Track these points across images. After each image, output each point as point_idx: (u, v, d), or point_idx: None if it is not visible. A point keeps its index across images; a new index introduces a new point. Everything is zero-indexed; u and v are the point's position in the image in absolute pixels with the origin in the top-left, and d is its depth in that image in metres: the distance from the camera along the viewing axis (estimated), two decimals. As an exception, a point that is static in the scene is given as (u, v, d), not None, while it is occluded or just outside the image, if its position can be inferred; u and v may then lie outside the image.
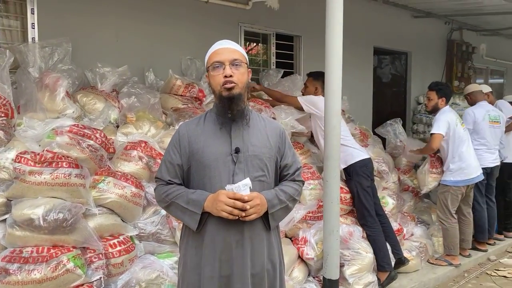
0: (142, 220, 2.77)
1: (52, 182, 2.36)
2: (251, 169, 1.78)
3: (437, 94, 4.18)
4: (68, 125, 2.62)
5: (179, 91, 3.76)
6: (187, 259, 1.84)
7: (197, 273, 1.80)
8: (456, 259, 4.19)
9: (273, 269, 1.87)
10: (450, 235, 4.16)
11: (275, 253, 1.88)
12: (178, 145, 1.83)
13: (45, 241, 2.25)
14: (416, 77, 6.92)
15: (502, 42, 8.13)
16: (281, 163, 1.91)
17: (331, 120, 3.12)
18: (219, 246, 1.77)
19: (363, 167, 3.60)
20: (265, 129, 1.88)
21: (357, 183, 3.58)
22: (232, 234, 1.76)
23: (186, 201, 1.77)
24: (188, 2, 4.15)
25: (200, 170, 1.80)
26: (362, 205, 3.59)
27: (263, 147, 1.83)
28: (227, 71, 1.74)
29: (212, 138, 1.80)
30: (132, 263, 2.55)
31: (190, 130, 1.84)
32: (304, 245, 3.29)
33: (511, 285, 4.00)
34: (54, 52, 3.38)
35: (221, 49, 1.79)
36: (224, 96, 1.75)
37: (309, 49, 5.24)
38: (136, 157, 2.86)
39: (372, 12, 5.76)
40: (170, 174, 1.83)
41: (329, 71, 3.08)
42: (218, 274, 1.77)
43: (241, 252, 1.77)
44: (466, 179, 4.15)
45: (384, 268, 3.54)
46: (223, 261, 1.77)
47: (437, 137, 4.03)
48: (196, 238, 1.81)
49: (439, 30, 7.02)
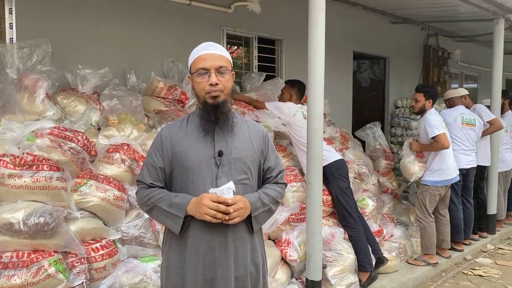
0: (124, 224, 2.74)
1: (33, 186, 2.31)
2: (234, 172, 1.78)
3: (425, 96, 4.27)
4: (48, 128, 2.57)
5: (161, 93, 3.74)
6: (170, 262, 1.82)
7: (180, 276, 1.79)
8: (433, 258, 4.29)
9: (256, 272, 1.87)
10: (427, 234, 4.26)
11: (258, 256, 1.89)
12: (160, 148, 1.81)
13: (26, 246, 2.20)
14: (394, 82, 7.07)
15: (475, 48, 8.38)
16: (264, 166, 1.91)
17: (314, 123, 3.16)
18: (202, 249, 1.76)
19: (338, 169, 3.66)
20: (248, 132, 1.88)
21: (335, 185, 3.64)
22: (215, 237, 1.76)
23: (169, 204, 1.75)
24: (170, 4, 4.14)
25: (183, 173, 1.78)
26: (342, 207, 3.65)
27: (247, 150, 1.83)
28: (213, 79, 1.73)
29: (195, 141, 1.79)
30: (115, 267, 2.52)
31: (173, 132, 1.83)
32: (287, 247, 3.31)
33: (486, 283, 4.12)
34: (33, 53, 3.32)
35: (206, 55, 1.76)
36: (209, 103, 1.75)
37: (291, 52, 5.30)
38: (119, 160, 2.83)
39: (351, 17, 5.86)
40: (152, 177, 1.81)
41: (312, 75, 3.13)
42: (202, 277, 1.76)
43: (224, 255, 1.77)
44: (445, 179, 4.26)
45: (365, 268, 3.60)
46: (206, 265, 1.76)
47: (443, 136, 4.12)
48: (179, 242, 1.80)
49: (416, 36, 7.19)
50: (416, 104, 4.35)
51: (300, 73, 5.09)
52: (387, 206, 4.68)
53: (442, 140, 4.13)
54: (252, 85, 4.57)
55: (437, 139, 4.13)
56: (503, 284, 4.09)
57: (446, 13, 5.96)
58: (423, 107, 4.30)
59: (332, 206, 3.74)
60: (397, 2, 5.56)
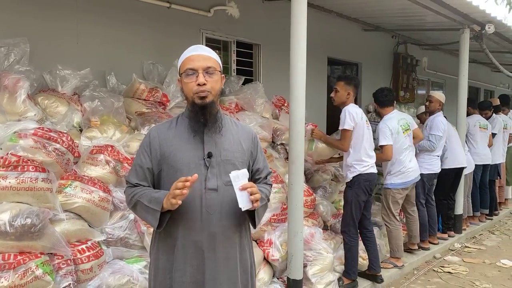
0: (109, 225, 2.73)
1: (18, 187, 2.28)
2: (223, 174, 1.77)
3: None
4: (32, 128, 2.53)
5: (142, 95, 3.73)
6: (158, 263, 1.82)
7: (168, 277, 1.79)
8: (400, 261, 4.36)
9: (245, 273, 1.89)
10: (394, 237, 4.32)
11: (246, 258, 1.90)
12: (149, 148, 1.81)
13: (12, 248, 2.17)
14: (366, 87, 7.29)
15: (441, 56, 8.77)
16: (253, 167, 1.93)
17: (296, 126, 3.24)
18: (190, 250, 1.76)
19: (366, 181, 3.67)
20: (237, 133, 1.88)
21: (355, 194, 3.67)
22: (204, 239, 1.76)
23: (149, 199, 1.75)
24: (150, 7, 4.14)
25: (171, 174, 1.77)
26: (350, 215, 3.68)
27: (236, 152, 1.84)
28: (201, 79, 1.72)
29: (184, 143, 1.79)
30: (101, 268, 2.51)
31: (162, 133, 1.82)
32: (269, 247, 3.37)
33: (455, 280, 4.33)
34: (10, 52, 3.24)
35: (195, 56, 1.76)
36: (197, 104, 1.74)
37: (268, 57, 5.39)
38: (103, 161, 2.81)
39: (326, 24, 6.02)
40: (138, 177, 1.81)
41: (294, 80, 3.21)
42: (189, 279, 1.76)
43: (213, 256, 1.77)
44: (405, 181, 4.31)
45: (349, 275, 3.70)
46: (195, 266, 1.76)
47: (389, 148, 4.13)
48: (167, 243, 1.80)
49: (387, 43, 7.47)
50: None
51: (277, 76, 5.22)
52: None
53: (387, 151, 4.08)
54: (232, 89, 4.63)
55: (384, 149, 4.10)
56: (470, 280, 4.31)
57: (414, 22, 6.24)
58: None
59: (312, 207, 3.84)
60: (369, 10, 5.77)
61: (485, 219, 6.44)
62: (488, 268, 4.66)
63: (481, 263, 4.83)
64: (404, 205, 4.56)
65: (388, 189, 4.33)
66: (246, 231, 1.92)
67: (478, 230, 6.08)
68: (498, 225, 6.50)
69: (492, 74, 10.96)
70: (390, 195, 4.31)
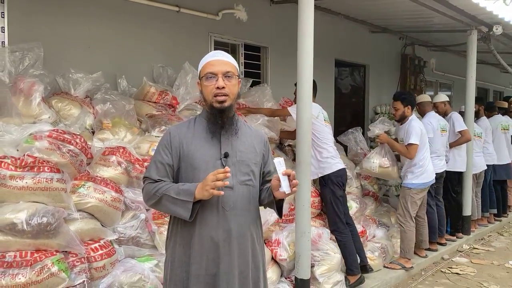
0: (121, 225, 2.80)
1: (34, 187, 2.36)
2: (238, 174, 1.89)
3: (402, 103, 4.41)
4: (47, 130, 2.61)
5: (153, 98, 3.80)
6: (175, 257, 1.90)
7: (184, 270, 1.87)
8: (410, 262, 4.41)
9: (256, 269, 1.97)
10: (407, 239, 4.38)
11: (257, 255, 1.99)
12: (170, 146, 1.89)
13: (28, 246, 2.24)
14: (374, 89, 7.32)
15: (449, 58, 8.76)
16: (264, 169, 2.03)
17: (303, 127, 3.30)
18: (207, 244, 1.85)
19: (338, 177, 3.81)
20: (251, 136, 1.99)
21: (331, 191, 3.78)
22: (220, 234, 1.85)
23: (177, 192, 1.81)
24: (160, 11, 4.22)
25: (189, 172, 1.87)
26: (334, 212, 3.78)
27: (250, 153, 1.94)
28: (220, 83, 1.83)
29: (203, 142, 1.89)
30: (114, 266, 2.57)
31: (182, 133, 1.92)
32: (277, 247, 3.42)
33: (463, 281, 4.34)
34: (25, 57, 3.33)
35: (215, 61, 1.88)
36: (216, 107, 1.85)
37: (275, 59, 5.45)
38: (115, 162, 2.88)
39: (333, 26, 6.07)
40: (160, 174, 1.88)
41: (301, 82, 3.27)
42: (205, 271, 1.85)
43: (228, 251, 1.86)
44: (426, 182, 4.42)
45: (353, 272, 3.75)
46: (210, 259, 1.85)
47: (414, 148, 4.26)
48: (185, 237, 1.88)
49: (394, 45, 7.48)
50: (396, 112, 4.48)
51: (285, 78, 5.27)
52: (369, 208, 4.86)
53: (412, 150, 4.27)
54: (240, 91, 4.68)
55: (410, 148, 4.26)
56: (478, 281, 4.31)
57: (422, 23, 6.26)
58: (403, 114, 4.44)
59: (319, 208, 3.89)
60: (377, 12, 5.80)
61: (494, 220, 6.43)
62: (497, 270, 4.66)
63: (489, 264, 4.83)
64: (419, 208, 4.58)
65: (408, 189, 4.38)
66: (258, 229, 2.01)
67: (486, 232, 6.07)
68: (507, 227, 6.49)
69: (501, 75, 10.90)
70: (410, 196, 4.37)
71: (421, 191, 4.42)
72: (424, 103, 5.19)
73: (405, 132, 4.39)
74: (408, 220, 4.36)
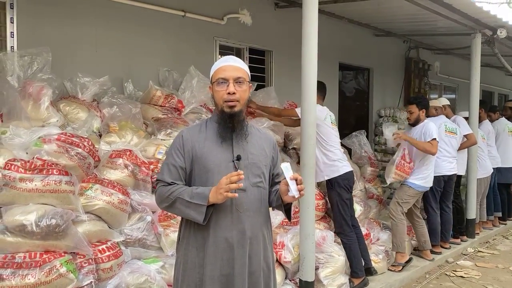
0: (128, 227, 2.84)
1: (43, 189, 2.40)
2: (250, 176, 1.92)
3: (418, 106, 4.47)
4: (56, 133, 2.66)
5: (159, 101, 3.85)
6: (188, 258, 1.93)
7: (197, 272, 1.90)
8: (405, 255, 4.42)
9: (268, 270, 2.01)
10: (399, 232, 4.39)
11: (269, 255, 2.03)
12: (182, 148, 1.93)
13: (37, 247, 2.29)
14: (378, 92, 7.34)
15: (454, 61, 8.77)
16: (273, 171, 2.07)
17: (307, 130, 3.33)
18: (221, 246, 1.88)
19: (345, 180, 3.82)
20: (261, 139, 2.03)
21: (337, 194, 3.80)
22: (234, 235, 1.89)
23: (191, 196, 1.84)
24: (166, 15, 4.28)
25: (202, 174, 1.91)
26: (341, 215, 3.80)
27: (261, 156, 1.98)
28: (231, 88, 1.87)
29: (215, 145, 1.92)
30: (120, 268, 2.61)
31: (194, 136, 1.95)
32: (281, 249, 3.45)
33: (467, 284, 4.34)
34: (33, 61, 3.39)
35: (227, 66, 1.92)
36: (226, 112, 1.89)
37: (280, 63, 5.49)
38: (122, 165, 2.93)
39: (337, 30, 6.11)
40: (173, 176, 1.91)
41: (305, 85, 3.30)
42: (219, 272, 1.89)
43: (241, 252, 1.90)
44: (426, 186, 4.50)
45: (357, 274, 3.77)
46: (225, 260, 1.89)
47: (436, 143, 4.33)
48: (198, 239, 1.91)
49: (398, 48, 7.51)
50: (411, 115, 4.53)
51: (289, 82, 5.31)
52: (373, 211, 4.87)
53: (435, 145, 4.31)
54: (248, 95, 4.71)
55: (432, 142, 4.30)
56: (483, 285, 4.31)
57: (426, 27, 6.28)
58: (417, 118, 4.49)
59: (323, 210, 3.91)
60: (380, 16, 5.83)
61: (499, 223, 6.41)
62: (501, 273, 4.66)
63: (494, 267, 4.82)
64: (412, 209, 4.60)
65: (408, 188, 4.44)
66: (269, 229, 2.06)
67: (491, 235, 6.06)
68: (512, 230, 6.47)
69: (506, 78, 10.89)
70: (407, 194, 4.43)
71: (418, 193, 4.49)
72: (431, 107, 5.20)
73: (421, 132, 4.40)
74: (399, 214, 4.41)
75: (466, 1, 4.62)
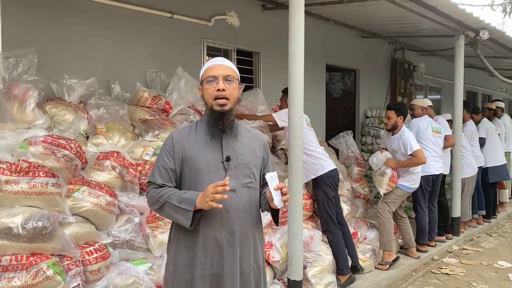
0: (115, 228, 2.84)
1: (29, 191, 2.39)
2: (240, 176, 1.94)
3: (396, 112, 4.54)
4: (42, 135, 2.65)
5: (146, 103, 3.85)
6: (178, 259, 1.95)
7: (188, 272, 1.92)
8: (392, 254, 4.49)
9: (258, 269, 2.03)
10: (386, 230, 4.46)
11: (259, 255, 2.05)
12: (172, 150, 1.94)
13: (24, 249, 2.27)
14: (364, 93, 7.42)
15: (439, 62, 8.90)
16: (264, 171, 2.07)
17: (294, 131, 3.36)
18: (211, 246, 1.90)
19: (330, 177, 3.87)
20: (251, 139, 2.04)
21: (323, 192, 3.85)
22: (223, 235, 1.91)
23: (179, 200, 1.86)
24: (153, 16, 4.27)
25: (192, 175, 1.93)
26: (326, 213, 3.85)
27: (250, 156, 1.99)
28: (220, 85, 1.89)
29: (204, 146, 1.94)
30: (108, 269, 2.61)
31: (183, 137, 1.97)
32: (270, 249, 3.47)
33: (452, 281, 4.42)
34: (19, 63, 3.36)
35: (216, 65, 1.94)
36: (216, 111, 1.90)
37: (268, 64, 5.52)
38: (109, 167, 2.92)
39: (324, 31, 6.16)
40: (163, 178, 1.93)
41: (292, 86, 3.33)
42: (209, 272, 1.91)
43: (231, 251, 1.92)
44: (414, 187, 4.62)
45: (343, 272, 3.81)
46: (215, 260, 1.91)
47: (420, 152, 4.41)
48: (188, 240, 1.93)
49: (384, 49, 7.60)
50: (389, 121, 4.60)
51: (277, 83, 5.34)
52: (360, 210, 4.92)
53: (420, 155, 4.40)
54: (238, 96, 4.74)
55: (415, 154, 4.39)
56: (467, 281, 4.39)
57: (411, 29, 6.37)
58: (395, 124, 4.56)
59: (311, 210, 3.95)
60: (366, 17, 5.90)
61: (483, 221, 6.53)
62: (486, 270, 4.75)
63: (478, 264, 4.92)
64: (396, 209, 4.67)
65: (399, 189, 4.52)
66: (259, 230, 2.07)
67: (476, 233, 6.17)
68: (496, 228, 6.60)
69: (489, 79, 11.08)
70: (395, 195, 4.51)
71: (406, 194, 4.61)
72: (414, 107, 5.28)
73: (400, 144, 4.50)
74: (386, 213, 4.49)
75: (449, 4, 4.71)
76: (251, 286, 1.98)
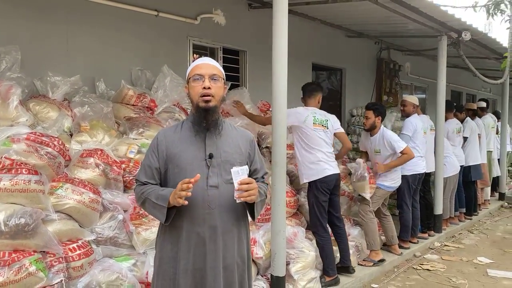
0: (99, 225, 2.86)
1: (12, 189, 2.40)
2: (223, 173, 1.99)
3: (374, 113, 4.62)
4: (25, 133, 2.65)
5: (131, 100, 3.86)
6: (163, 253, 2.01)
7: (172, 266, 1.98)
8: (379, 254, 4.57)
9: (242, 263, 2.09)
10: (370, 230, 4.54)
11: (244, 248, 2.10)
12: (156, 149, 2.02)
13: (6, 246, 2.28)
14: (350, 92, 7.50)
15: (423, 62, 9.01)
16: (251, 167, 2.12)
17: (278, 130, 3.40)
18: (193, 241, 1.96)
19: (323, 183, 3.85)
20: (236, 137, 2.09)
21: (314, 196, 3.87)
22: (206, 230, 1.97)
23: (156, 197, 1.95)
24: (138, 15, 4.28)
25: (176, 172, 1.98)
26: (316, 216, 3.88)
27: (235, 153, 2.04)
28: (206, 83, 1.95)
29: (188, 144, 2.00)
30: (92, 266, 2.63)
31: (168, 136, 2.04)
32: (253, 245, 3.51)
33: (433, 276, 4.52)
34: (1, 60, 3.35)
35: (203, 64, 2.02)
36: (201, 107, 1.96)
37: (254, 63, 5.55)
38: (93, 164, 2.94)
39: (311, 31, 6.22)
40: (147, 176, 2.02)
41: (276, 85, 3.37)
42: (192, 266, 1.96)
43: (213, 247, 1.97)
44: (395, 186, 4.72)
45: (329, 273, 3.86)
46: (197, 255, 1.96)
47: (408, 149, 4.51)
48: (173, 234, 1.99)
49: (370, 49, 7.69)
50: (367, 121, 4.68)
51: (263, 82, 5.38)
52: (343, 207, 4.99)
53: (409, 152, 4.50)
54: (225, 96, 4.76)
55: (405, 152, 4.48)
56: (447, 277, 4.50)
57: (396, 29, 6.46)
58: (373, 124, 4.64)
59: (294, 207, 4.00)
60: (352, 17, 5.97)
61: (465, 219, 6.67)
62: (465, 265, 4.86)
63: (458, 260, 5.03)
64: (380, 208, 4.76)
65: (377, 188, 4.60)
66: (244, 225, 2.12)
67: (457, 230, 6.30)
68: (477, 225, 6.74)
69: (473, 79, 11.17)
70: (376, 195, 4.59)
71: (386, 193, 4.69)
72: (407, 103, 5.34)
73: (384, 144, 4.57)
74: (368, 213, 4.55)
75: (431, 5, 4.80)
76: (234, 280, 2.03)
